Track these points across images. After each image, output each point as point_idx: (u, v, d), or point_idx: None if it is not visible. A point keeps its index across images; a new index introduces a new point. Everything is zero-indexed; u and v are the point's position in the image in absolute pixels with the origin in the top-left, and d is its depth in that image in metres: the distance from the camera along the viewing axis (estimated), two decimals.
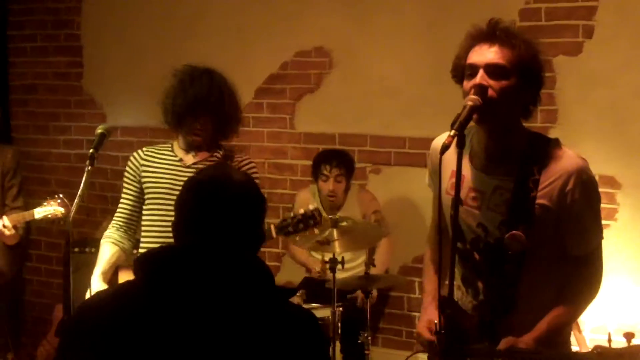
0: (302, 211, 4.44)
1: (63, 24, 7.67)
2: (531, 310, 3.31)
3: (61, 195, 5.63)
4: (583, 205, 3.22)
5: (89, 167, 4.04)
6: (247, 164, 4.45)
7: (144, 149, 4.51)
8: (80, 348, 2.40)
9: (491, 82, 3.09)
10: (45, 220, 5.73)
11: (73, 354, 2.43)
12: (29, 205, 7.71)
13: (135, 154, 4.50)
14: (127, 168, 4.48)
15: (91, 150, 4.08)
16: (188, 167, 4.35)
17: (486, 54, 3.11)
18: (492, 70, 3.10)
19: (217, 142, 4.48)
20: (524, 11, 5.85)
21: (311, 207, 4.43)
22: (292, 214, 4.45)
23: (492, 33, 3.16)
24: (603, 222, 4.26)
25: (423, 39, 6.23)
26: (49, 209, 5.62)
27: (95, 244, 6.45)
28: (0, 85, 7.89)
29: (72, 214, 4.01)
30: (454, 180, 3.11)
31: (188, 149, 4.43)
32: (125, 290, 2.50)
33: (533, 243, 3.22)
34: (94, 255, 4.53)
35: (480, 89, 3.07)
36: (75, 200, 3.99)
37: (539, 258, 3.28)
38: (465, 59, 3.17)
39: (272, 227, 4.49)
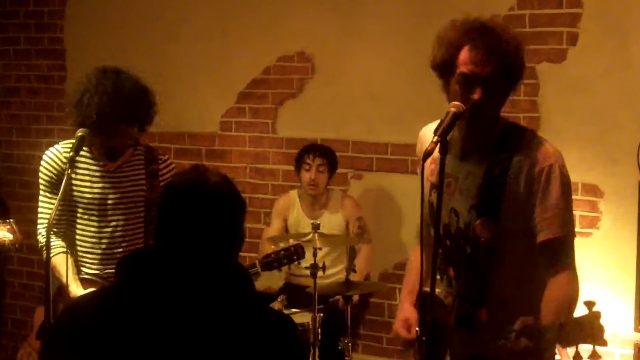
0: (282, 245, 4.46)
1: (46, 27, 7.64)
2: (504, 303, 3.28)
3: (11, 221, 5.28)
4: (549, 188, 3.18)
5: (69, 171, 4.01)
6: (168, 165, 4.42)
7: (61, 149, 4.28)
8: (62, 352, 2.40)
9: (485, 94, 3.10)
10: None
11: (55, 357, 2.43)
12: (12, 210, 7.72)
13: (52, 155, 4.29)
14: (47, 170, 4.30)
15: (71, 154, 4.04)
16: (114, 171, 4.30)
17: (485, 67, 3.08)
18: (488, 84, 3.10)
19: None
20: (508, 17, 5.83)
21: (292, 241, 4.48)
22: (274, 249, 4.47)
23: (488, 39, 3.11)
24: (585, 230, 4.21)
25: (406, 45, 6.22)
26: None
27: None
28: None
29: (52, 216, 3.97)
30: (433, 166, 3.26)
31: (107, 154, 4.30)
32: (105, 293, 2.51)
33: (503, 231, 3.22)
34: None
35: (478, 104, 3.09)
36: (56, 203, 3.96)
37: (511, 249, 3.27)
38: (455, 57, 3.13)
39: (257, 263, 4.49)
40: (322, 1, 6.54)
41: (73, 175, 4.24)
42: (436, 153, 3.03)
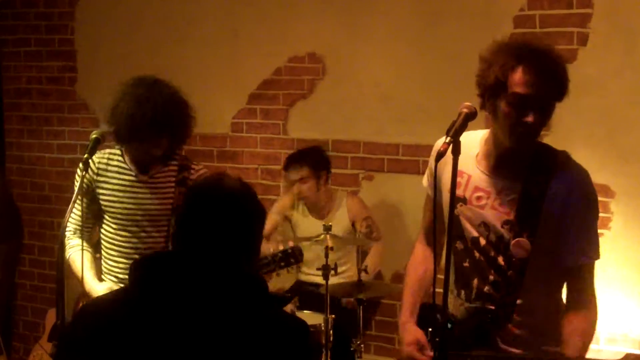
0: (281, 247, 4.41)
1: (56, 28, 7.65)
2: (532, 319, 3.36)
3: None
4: (583, 216, 3.28)
5: (84, 172, 4.02)
6: (201, 175, 4.35)
7: (95, 159, 4.23)
8: (77, 353, 2.42)
9: (538, 117, 3.16)
10: None
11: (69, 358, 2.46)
12: (23, 211, 7.75)
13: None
14: (79, 177, 4.18)
15: (85, 156, 4.04)
16: (145, 182, 4.29)
17: (540, 89, 3.13)
18: (542, 106, 3.16)
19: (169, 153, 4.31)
20: (518, 18, 5.84)
21: (291, 243, 4.44)
22: (271, 251, 4.41)
23: (541, 61, 3.15)
24: None
25: (416, 46, 6.22)
26: None
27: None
28: None
29: (66, 219, 3.97)
30: (459, 179, 3.27)
31: (140, 165, 4.29)
32: (120, 296, 2.53)
33: (536, 251, 3.26)
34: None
35: (531, 126, 3.15)
36: (70, 206, 3.96)
37: (540, 268, 3.30)
38: (507, 77, 3.15)
39: None
40: (332, 2, 6.54)
41: (103, 182, 4.29)
42: (463, 166, 3.11)
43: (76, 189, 4.06)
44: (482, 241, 3.37)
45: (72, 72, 7.63)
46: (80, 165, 4.07)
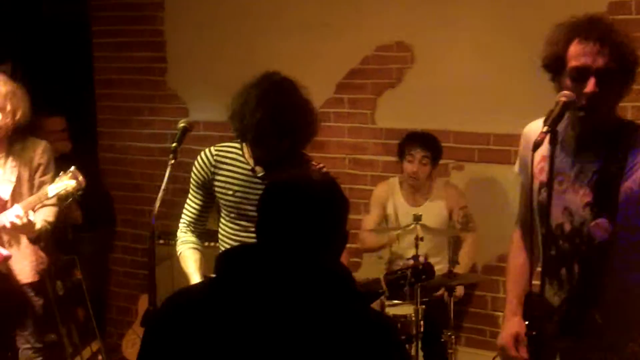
0: (411, 262, 4.37)
1: (146, 19, 7.74)
2: (619, 305, 3.23)
3: (73, 168, 5.04)
4: None
5: (172, 161, 4.07)
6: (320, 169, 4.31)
7: (213, 150, 4.35)
8: (163, 340, 2.46)
9: (601, 87, 3.06)
10: (60, 199, 5.08)
11: (156, 345, 2.50)
12: (116, 199, 7.86)
13: (204, 155, 4.35)
14: (196, 169, 4.37)
15: (174, 144, 4.11)
16: (260, 177, 4.26)
17: (597, 57, 3.07)
18: (602, 74, 3.06)
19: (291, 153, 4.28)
20: (613, 4, 5.71)
21: (421, 259, 4.41)
22: (401, 266, 4.36)
23: (597, 30, 3.10)
24: None
25: (507, 34, 6.13)
26: (60, 186, 4.98)
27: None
28: (86, 80, 8.01)
29: (156, 207, 4.02)
30: (543, 164, 3.19)
31: (257, 161, 4.28)
32: (206, 286, 2.54)
33: (620, 231, 3.15)
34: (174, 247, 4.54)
35: (593, 97, 3.05)
36: (160, 194, 4.01)
37: (627, 248, 3.20)
38: (565, 52, 3.12)
39: (382, 278, 4.44)
40: None
41: (219, 174, 4.31)
42: (545, 149, 3.02)
43: (165, 178, 4.09)
44: (567, 227, 3.30)
45: (161, 62, 7.71)
46: (170, 155, 4.12)
